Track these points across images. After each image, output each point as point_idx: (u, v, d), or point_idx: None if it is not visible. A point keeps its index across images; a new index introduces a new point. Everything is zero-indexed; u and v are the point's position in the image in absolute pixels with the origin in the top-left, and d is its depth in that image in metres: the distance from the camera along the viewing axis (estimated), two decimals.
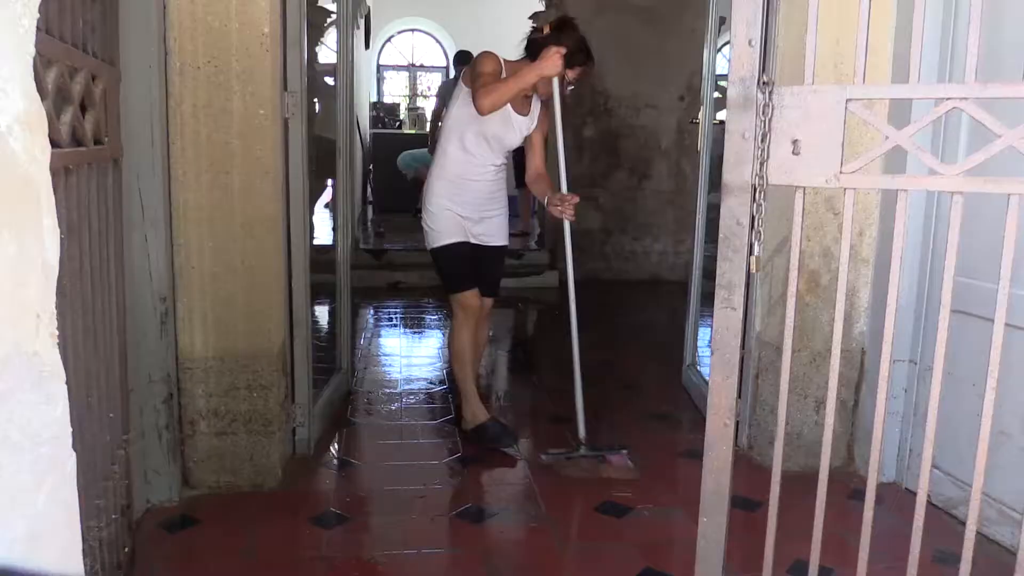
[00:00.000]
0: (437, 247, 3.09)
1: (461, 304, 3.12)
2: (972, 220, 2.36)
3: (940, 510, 2.59)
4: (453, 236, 3.06)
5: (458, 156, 3.05)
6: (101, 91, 1.65)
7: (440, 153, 3.09)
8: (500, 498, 2.70)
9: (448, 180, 3.07)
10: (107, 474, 1.64)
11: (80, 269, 1.46)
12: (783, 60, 2.78)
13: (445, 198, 3.06)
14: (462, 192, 3.07)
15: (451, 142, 3.05)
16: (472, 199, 3.09)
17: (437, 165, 3.10)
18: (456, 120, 3.04)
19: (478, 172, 3.08)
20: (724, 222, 1.43)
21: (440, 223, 3.07)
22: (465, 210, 3.07)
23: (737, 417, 3.08)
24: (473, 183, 3.08)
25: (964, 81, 1.27)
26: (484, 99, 2.79)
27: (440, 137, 3.11)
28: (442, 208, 3.06)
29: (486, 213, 3.13)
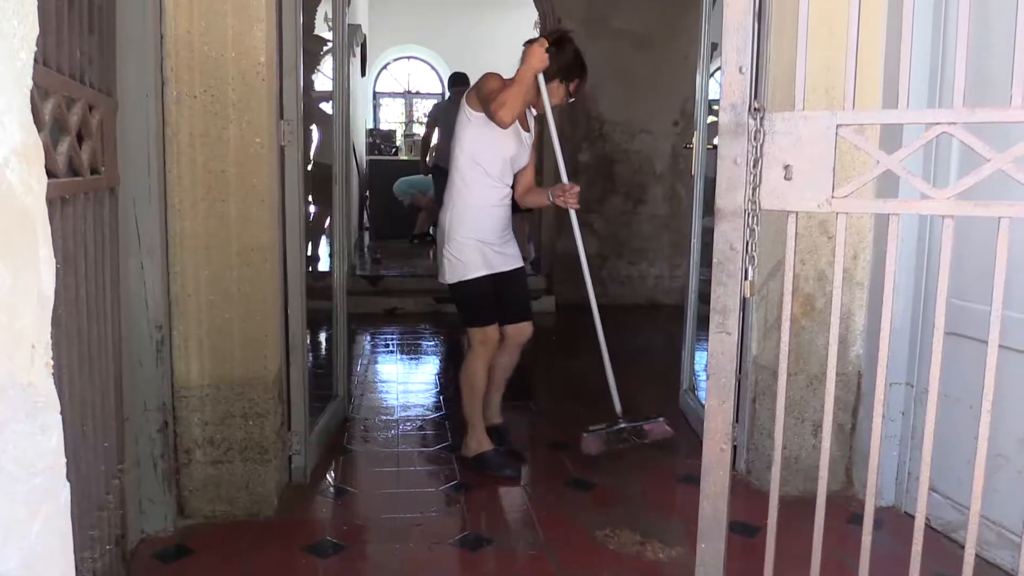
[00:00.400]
0: (463, 280, 3.04)
1: (482, 339, 3.09)
2: (964, 243, 2.37)
3: (939, 534, 2.58)
4: (479, 269, 3.02)
5: (482, 182, 3.02)
6: (98, 121, 1.67)
7: (460, 183, 3.04)
8: (498, 525, 2.69)
9: (475, 208, 3.03)
10: (102, 504, 1.63)
11: (76, 298, 1.46)
12: (775, 86, 2.81)
13: (471, 227, 3.02)
14: (486, 219, 3.05)
15: (472, 169, 3.02)
16: (494, 225, 3.07)
17: (459, 195, 3.04)
18: (473, 147, 3.01)
19: (499, 197, 3.07)
20: (718, 247, 1.43)
21: (467, 254, 3.02)
22: (490, 237, 3.05)
23: (734, 442, 3.07)
24: (495, 208, 3.07)
25: (953, 106, 1.29)
26: (501, 111, 2.80)
27: (455, 167, 3.06)
28: (469, 238, 3.02)
29: (505, 236, 3.13)
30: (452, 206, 3.06)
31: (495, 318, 3.10)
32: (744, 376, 3.02)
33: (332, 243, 4.00)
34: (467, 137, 3.02)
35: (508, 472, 3.10)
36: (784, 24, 2.79)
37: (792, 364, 2.82)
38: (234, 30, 2.47)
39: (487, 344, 3.09)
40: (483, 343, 3.09)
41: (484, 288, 3.05)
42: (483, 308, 3.07)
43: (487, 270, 3.04)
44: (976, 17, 2.40)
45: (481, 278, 3.03)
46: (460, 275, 3.03)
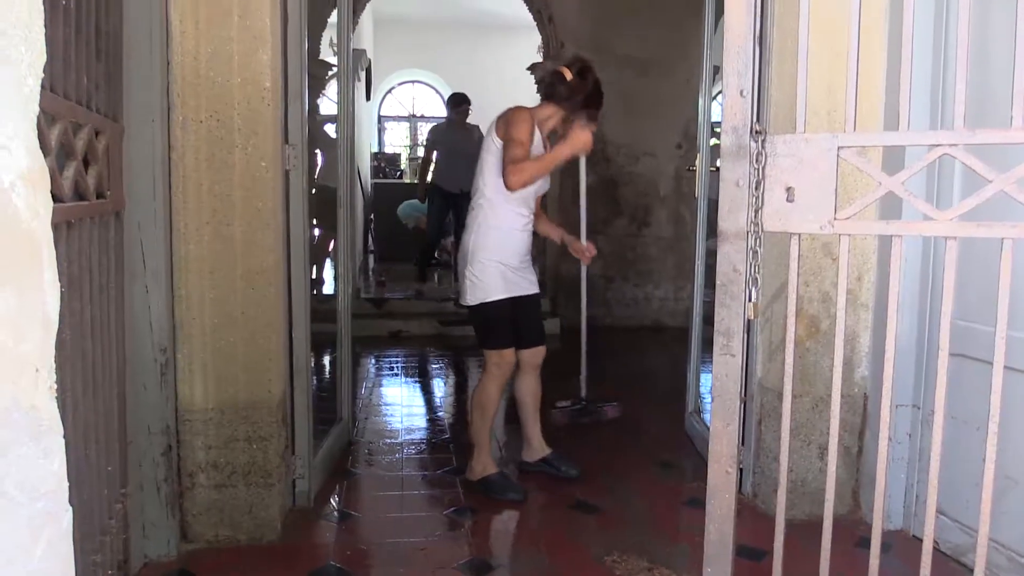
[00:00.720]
0: (483, 303, 3.05)
1: (498, 361, 3.10)
2: (969, 264, 2.38)
3: (948, 557, 2.56)
4: (500, 292, 3.04)
5: (505, 208, 3.04)
6: (104, 146, 1.68)
7: (485, 207, 3.06)
8: (503, 549, 2.67)
9: (498, 231, 3.05)
10: (104, 528, 1.63)
11: (81, 321, 1.46)
12: (776, 110, 2.82)
13: (494, 250, 3.04)
14: (509, 242, 3.07)
15: (497, 195, 3.02)
16: (516, 248, 3.09)
17: (484, 218, 3.06)
18: (497, 174, 2.99)
19: (522, 221, 3.10)
20: (721, 268, 1.44)
21: (489, 277, 3.04)
22: (511, 260, 3.07)
23: (740, 465, 3.07)
24: (518, 232, 3.09)
25: (953, 128, 1.29)
26: (514, 177, 2.85)
27: (480, 192, 3.09)
28: (492, 261, 3.04)
29: (525, 261, 3.16)
30: (476, 229, 3.08)
31: (512, 341, 3.11)
32: (749, 399, 3.01)
33: (336, 266, 4.01)
34: (494, 164, 3.02)
35: (512, 496, 3.09)
36: (785, 48, 2.80)
37: (797, 386, 2.81)
38: (240, 56, 2.49)
39: (502, 367, 3.11)
40: (499, 365, 3.10)
41: (503, 311, 3.06)
42: (501, 331, 3.09)
43: (507, 293, 3.06)
44: (976, 38, 2.42)
45: (501, 301, 3.05)
46: (480, 297, 3.05)
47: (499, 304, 3.05)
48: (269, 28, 2.52)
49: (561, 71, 3.06)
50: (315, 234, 5.52)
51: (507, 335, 3.10)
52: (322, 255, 6.66)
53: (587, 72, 3.06)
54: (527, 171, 2.87)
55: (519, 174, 2.85)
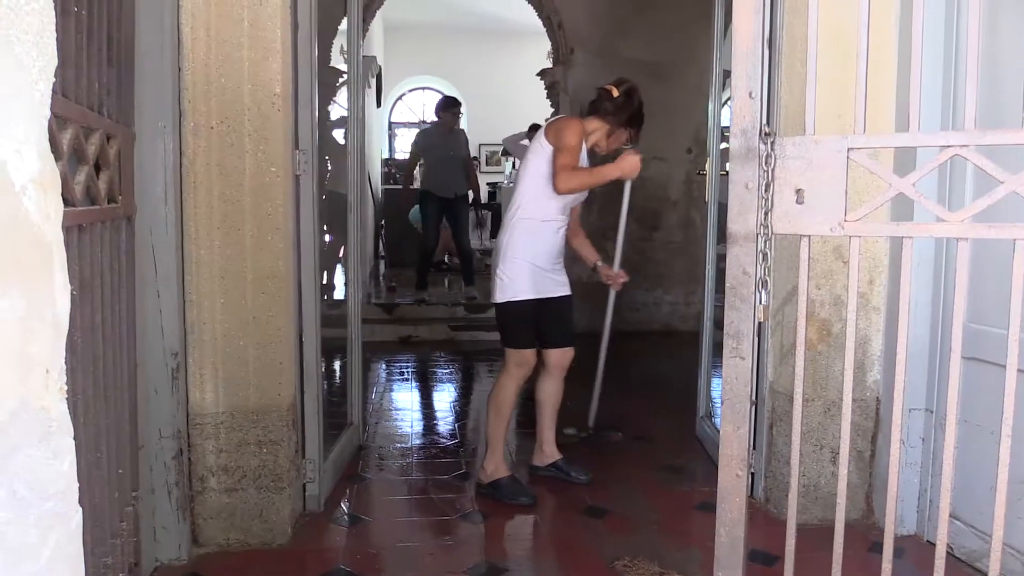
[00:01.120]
0: (511, 301, 3.10)
1: (519, 360, 3.14)
2: (982, 267, 2.36)
3: (962, 562, 2.54)
4: (528, 292, 3.09)
5: (544, 212, 3.10)
6: (116, 151, 1.69)
7: (523, 208, 3.11)
8: (512, 554, 2.66)
9: (533, 233, 3.10)
10: (115, 531, 1.63)
11: (92, 325, 1.47)
12: (786, 113, 2.82)
13: (529, 251, 3.10)
14: (543, 245, 3.13)
15: (539, 197, 3.09)
16: (549, 251, 3.15)
17: (520, 219, 3.11)
18: (542, 177, 3.06)
19: (556, 225, 3.15)
20: (731, 271, 1.43)
21: (519, 276, 3.09)
22: (544, 262, 3.13)
23: (752, 469, 3.06)
24: (552, 236, 3.15)
25: (964, 129, 1.28)
26: (563, 183, 2.93)
27: (521, 192, 3.14)
28: (525, 261, 3.09)
29: (558, 264, 3.21)
30: (512, 229, 3.13)
31: (533, 342, 3.17)
32: (760, 403, 2.99)
33: (347, 271, 4.02)
34: (541, 169, 3.08)
35: (523, 499, 3.09)
36: (794, 51, 2.80)
37: (809, 390, 2.79)
38: (250, 62, 2.51)
39: (522, 367, 3.15)
40: (519, 365, 3.14)
41: (527, 312, 3.12)
42: (523, 330, 3.14)
43: (534, 294, 3.10)
44: (986, 40, 2.41)
45: (526, 301, 3.09)
46: (508, 295, 3.10)
47: (524, 304, 3.10)
48: (280, 35, 2.53)
49: (609, 89, 3.18)
50: (326, 240, 5.53)
51: (529, 335, 3.14)
52: (332, 261, 6.68)
53: (633, 93, 3.19)
54: (576, 179, 2.96)
55: (569, 180, 2.93)
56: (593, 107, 3.22)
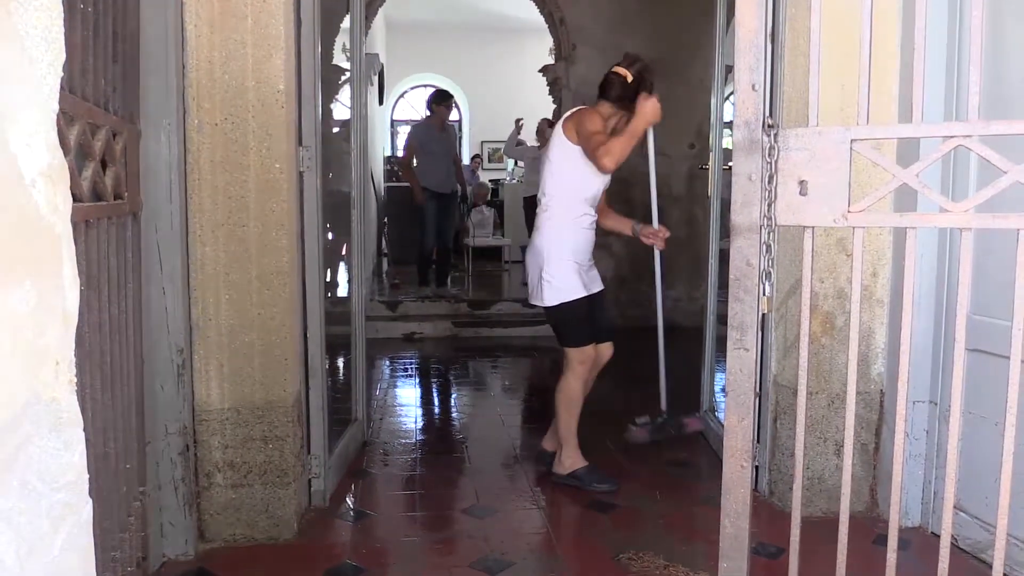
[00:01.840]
0: (564, 303, 3.11)
1: (582, 358, 3.16)
2: (987, 258, 2.36)
3: (968, 554, 2.54)
4: (579, 291, 3.11)
5: (577, 208, 3.13)
6: (121, 147, 1.70)
7: (557, 208, 3.13)
8: (518, 548, 2.67)
9: (571, 231, 3.13)
10: (123, 526, 1.64)
11: (99, 321, 1.48)
12: (789, 107, 2.82)
13: (570, 250, 3.12)
14: (582, 241, 3.16)
15: (569, 195, 3.11)
16: (585, 247, 3.18)
17: (556, 219, 3.13)
18: (572, 176, 3.09)
19: (589, 221, 3.18)
20: (734, 263, 1.43)
21: (568, 275, 3.11)
22: (583, 259, 3.17)
23: (756, 463, 3.06)
24: (587, 231, 3.18)
25: (968, 119, 1.29)
26: (607, 158, 2.91)
27: (550, 193, 3.15)
28: (570, 261, 3.11)
29: (591, 259, 3.25)
30: (550, 230, 3.15)
31: (594, 337, 3.19)
32: (764, 396, 2.99)
33: (350, 268, 4.03)
34: (567, 167, 3.10)
35: (606, 486, 3.15)
36: (797, 45, 2.80)
37: (813, 383, 2.80)
38: (254, 59, 2.51)
39: (586, 363, 3.18)
40: (583, 362, 3.17)
41: (583, 309, 3.14)
42: (582, 328, 3.16)
43: (584, 291, 3.13)
44: (990, 31, 2.41)
45: (582, 299, 3.12)
46: (561, 297, 3.11)
47: (579, 303, 3.12)
48: (283, 32, 2.54)
49: (622, 74, 3.13)
50: (329, 237, 5.54)
51: (588, 332, 3.17)
52: (336, 258, 6.68)
53: (645, 73, 3.15)
54: (614, 149, 2.92)
55: (609, 154, 2.91)
56: (605, 92, 3.17)
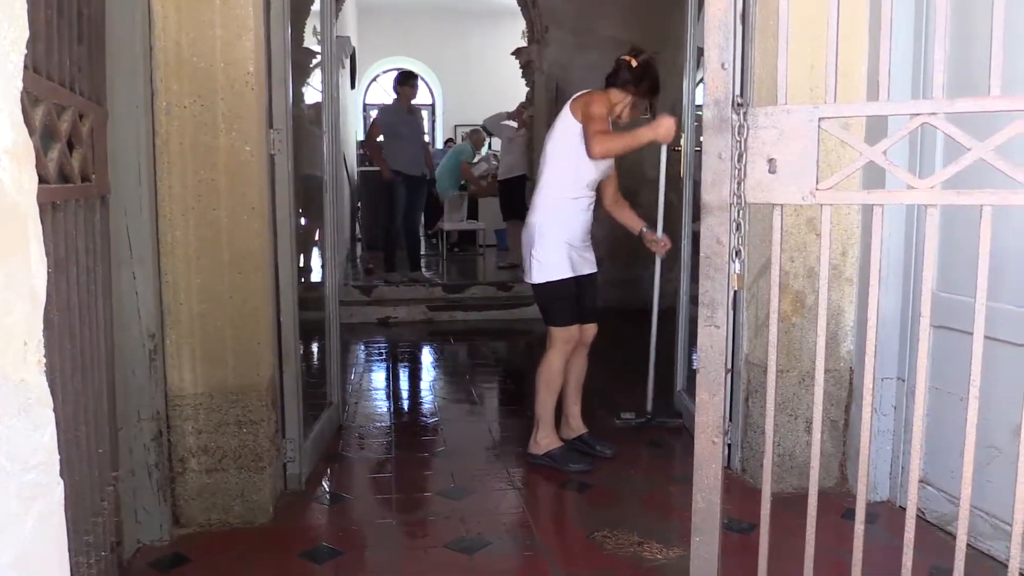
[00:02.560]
0: (549, 281, 3.15)
1: (566, 337, 3.20)
2: (954, 236, 2.40)
3: (935, 527, 2.60)
4: (565, 271, 3.14)
5: (574, 189, 3.15)
6: (88, 129, 1.67)
7: (554, 186, 3.16)
8: (494, 528, 2.69)
9: (565, 211, 3.16)
10: (96, 510, 1.63)
11: (68, 304, 1.46)
12: (761, 87, 2.84)
13: (561, 229, 3.15)
14: (575, 222, 3.18)
15: (568, 175, 3.14)
16: (580, 229, 3.20)
17: (551, 198, 3.16)
18: (573, 156, 3.10)
19: (586, 202, 3.20)
20: (704, 241, 1.45)
21: (554, 256, 3.14)
22: (576, 240, 3.19)
23: (729, 440, 3.10)
24: (582, 213, 3.20)
25: (933, 97, 1.31)
26: (599, 146, 2.95)
27: (549, 171, 3.18)
28: (558, 240, 3.14)
29: (587, 241, 3.27)
30: (544, 209, 3.18)
31: (578, 318, 3.21)
32: (736, 375, 3.03)
33: (324, 252, 4.01)
34: (569, 146, 3.11)
35: (580, 466, 3.18)
36: (768, 26, 2.82)
37: (784, 361, 2.84)
38: (222, 41, 2.48)
39: (569, 342, 3.21)
40: (566, 341, 3.20)
41: (568, 289, 3.17)
42: (567, 308, 3.19)
43: (571, 272, 3.16)
44: (959, 10, 2.43)
45: (568, 279, 3.15)
46: (547, 276, 3.15)
47: (565, 283, 3.15)
48: (252, 13, 2.51)
49: (627, 59, 3.18)
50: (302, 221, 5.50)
51: (573, 312, 3.19)
52: (309, 242, 6.64)
53: (651, 63, 3.20)
54: (610, 142, 2.97)
55: (603, 144, 2.94)
56: (611, 79, 3.21)
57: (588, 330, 3.32)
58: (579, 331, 3.23)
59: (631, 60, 3.17)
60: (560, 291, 3.15)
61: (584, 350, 3.36)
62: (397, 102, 7.08)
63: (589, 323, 3.32)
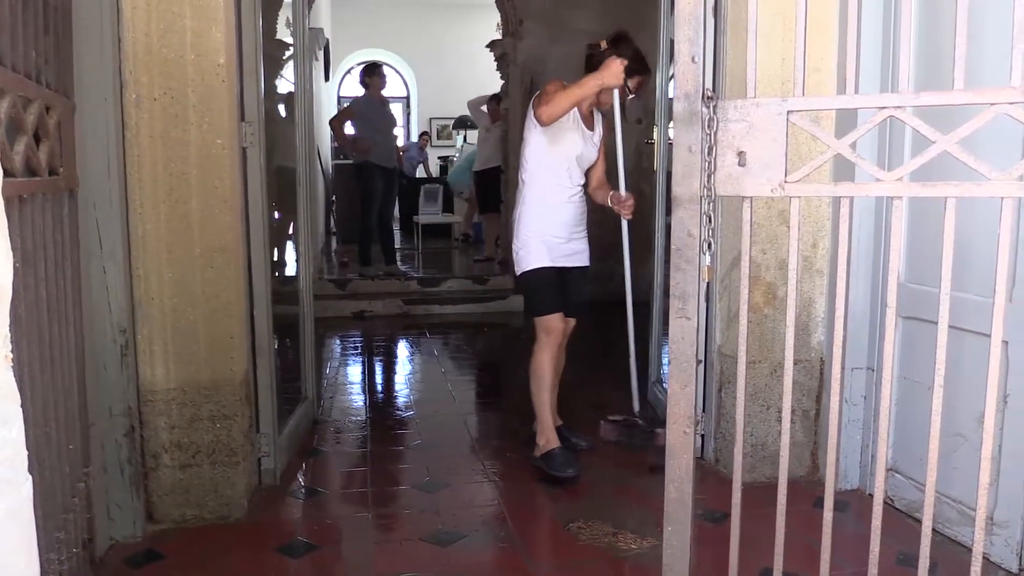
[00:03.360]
0: (526, 271, 3.13)
1: (545, 327, 3.13)
2: (923, 228, 2.44)
3: (904, 514, 2.64)
4: (541, 260, 3.10)
5: (548, 182, 3.11)
6: (55, 122, 1.66)
7: (529, 181, 3.13)
8: (469, 521, 2.70)
9: (541, 205, 3.12)
10: (67, 507, 1.62)
11: (36, 298, 1.45)
12: (733, 80, 2.86)
13: (535, 223, 3.12)
14: (553, 215, 3.12)
15: (539, 169, 3.10)
16: (562, 220, 3.14)
17: (527, 193, 3.14)
18: (539, 148, 3.08)
19: (566, 195, 3.14)
20: (675, 233, 1.46)
21: (530, 247, 3.11)
22: (556, 231, 3.13)
23: (703, 431, 3.12)
24: (563, 205, 3.14)
25: (899, 91, 1.33)
26: (544, 108, 2.86)
27: (523, 167, 3.15)
28: (533, 232, 3.11)
29: (574, 234, 3.20)
30: (521, 203, 3.16)
31: (559, 307, 3.14)
32: (709, 366, 3.06)
33: (298, 245, 3.99)
34: (533, 139, 3.09)
35: (568, 471, 3.04)
36: (739, 19, 2.83)
37: (756, 352, 2.87)
38: (193, 32, 2.46)
39: (551, 333, 3.13)
40: (547, 332, 3.13)
41: (547, 277, 3.12)
42: (546, 297, 3.13)
43: (549, 261, 3.11)
44: (928, 6, 2.46)
45: (543, 268, 3.10)
46: (524, 265, 3.13)
47: (542, 271, 3.10)
48: (222, 4, 2.49)
49: (596, 42, 3.08)
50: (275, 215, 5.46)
51: (552, 300, 3.13)
52: (283, 236, 6.60)
53: (621, 40, 3.05)
54: (555, 103, 2.85)
55: (549, 107, 2.85)
56: (586, 66, 3.07)
57: (569, 323, 3.26)
58: (562, 321, 3.16)
59: (601, 42, 3.07)
60: (538, 280, 3.11)
61: (562, 342, 3.30)
62: (368, 94, 7.03)
63: (570, 317, 3.25)
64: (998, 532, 2.28)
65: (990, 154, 1.29)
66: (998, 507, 2.27)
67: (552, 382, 3.26)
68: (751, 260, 1.53)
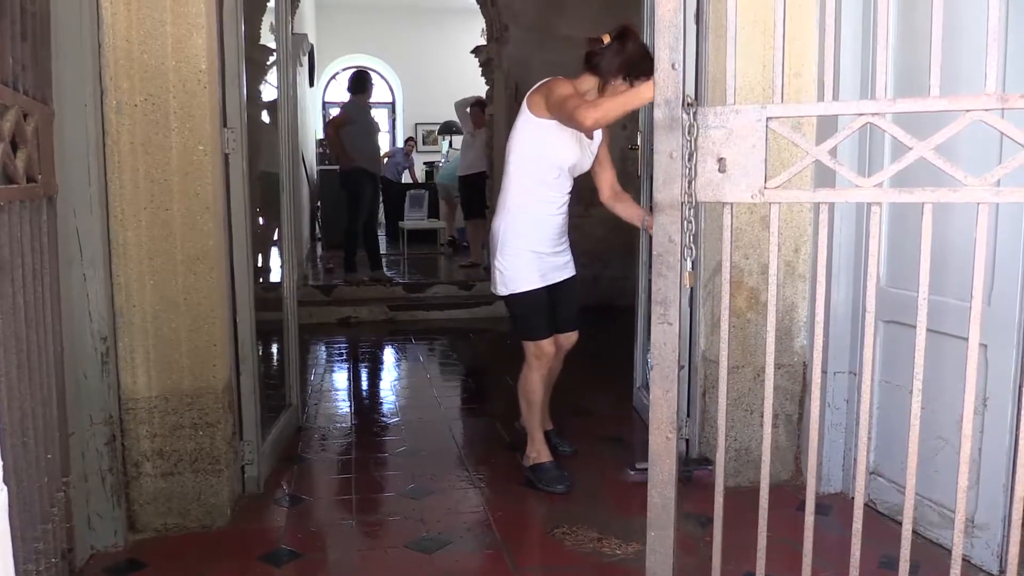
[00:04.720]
0: (516, 293, 2.94)
1: (537, 353, 2.99)
2: (903, 233, 2.45)
3: (886, 518, 2.66)
4: (533, 282, 2.92)
5: (537, 191, 2.92)
6: (33, 129, 1.64)
7: (515, 189, 2.93)
8: (454, 527, 2.69)
9: (530, 216, 2.93)
10: (46, 516, 1.60)
11: (13, 306, 1.43)
12: (715, 87, 2.87)
13: (526, 237, 2.92)
14: (542, 227, 2.94)
15: (529, 176, 2.90)
16: (550, 233, 2.96)
17: (514, 202, 2.93)
18: (531, 152, 2.89)
19: (556, 206, 2.96)
20: (657, 239, 1.47)
21: (520, 266, 2.92)
22: (545, 246, 2.95)
23: (687, 436, 3.13)
24: (551, 218, 2.95)
25: (877, 98, 1.34)
26: (589, 112, 2.56)
27: (509, 173, 2.95)
28: (521, 249, 2.92)
29: (560, 246, 3.03)
30: (506, 213, 2.95)
31: (550, 331, 2.99)
32: (693, 371, 3.07)
33: (282, 251, 3.97)
34: (526, 142, 2.89)
35: (558, 487, 2.96)
36: (721, 26, 2.85)
37: (739, 357, 2.88)
38: (174, 38, 2.45)
39: (542, 358, 3.00)
40: (538, 357, 3.00)
41: (537, 300, 2.94)
42: (537, 321, 2.96)
43: (541, 283, 2.94)
44: (906, 8, 2.48)
45: (536, 290, 2.94)
46: (512, 288, 2.94)
47: (534, 294, 2.93)
48: (204, 10, 2.48)
49: (598, 37, 2.88)
50: (259, 221, 5.45)
51: (543, 325, 2.97)
52: (267, 242, 6.57)
53: (627, 36, 2.86)
54: (603, 107, 2.57)
55: (595, 110, 2.56)
56: (586, 63, 2.91)
57: (567, 338, 3.12)
58: (553, 344, 3.01)
59: (604, 37, 2.85)
60: (527, 303, 2.93)
61: (562, 354, 3.18)
62: (357, 100, 7.02)
63: (568, 331, 3.11)
64: (979, 535, 2.30)
65: (971, 160, 1.30)
66: (979, 510, 2.29)
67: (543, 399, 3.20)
68: (734, 265, 1.54)
